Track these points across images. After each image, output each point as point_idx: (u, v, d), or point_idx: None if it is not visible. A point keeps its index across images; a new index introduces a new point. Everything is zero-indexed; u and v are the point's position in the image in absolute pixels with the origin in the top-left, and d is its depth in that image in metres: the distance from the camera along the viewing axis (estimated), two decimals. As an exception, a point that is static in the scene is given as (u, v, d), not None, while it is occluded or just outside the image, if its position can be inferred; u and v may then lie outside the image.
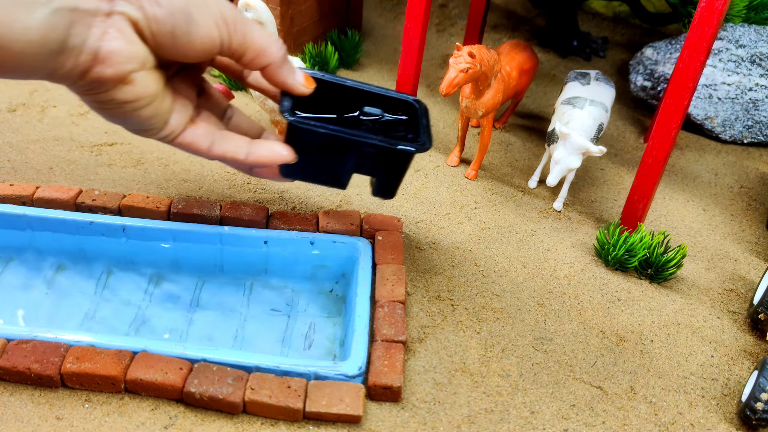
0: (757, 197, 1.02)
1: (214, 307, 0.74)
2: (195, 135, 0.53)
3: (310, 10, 1.14)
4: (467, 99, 0.93)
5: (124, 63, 0.44)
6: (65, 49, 0.41)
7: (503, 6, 1.53)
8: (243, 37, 0.49)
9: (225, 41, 0.48)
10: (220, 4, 0.47)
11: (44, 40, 0.39)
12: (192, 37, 0.46)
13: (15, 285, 0.74)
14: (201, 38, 0.46)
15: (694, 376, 0.71)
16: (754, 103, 1.10)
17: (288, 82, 0.56)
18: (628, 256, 0.82)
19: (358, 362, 0.63)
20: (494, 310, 0.76)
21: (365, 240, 0.78)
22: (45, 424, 0.59)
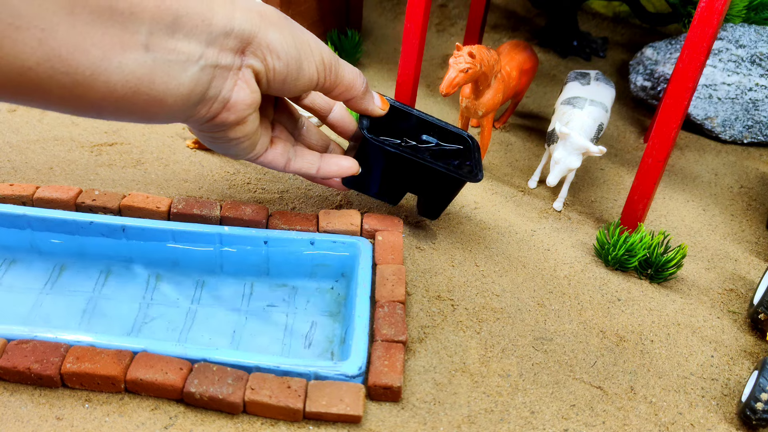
0: (757, 197, 1.02)
1: (214, 307, 0.74)
2: (274, 155, 0.62)
3: (310, 10, 1.14)
4: (467, 99, 0.93)
5: (245, 110, 0.51)
6: (204, 99, 0.47)
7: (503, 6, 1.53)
8: (335, 77, 0.57)
9: (321, 81, 0.56)
10: (321, 47, 0.54)
11: (191, 93, 0.45)
12: (299, 82, 0.53)
13: (15, 285, 0.74)
14: (305, 82, 0.54)
15: (694, 376, 0.71)
16: (754, 103, 1.10)
17: (369, 108, 0.66)
18: (628, 256, 0.82)
19: (358, 362, 0.63)
20: (494, 310, 0.76)
21: (365, 240, 0.78)
22: (45, 424, 0.59)
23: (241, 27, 0.46)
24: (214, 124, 0.50)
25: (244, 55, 0.48)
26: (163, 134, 0.97)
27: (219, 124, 0.50)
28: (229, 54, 0.47)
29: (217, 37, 0.45)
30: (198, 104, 0.47)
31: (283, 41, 0.49)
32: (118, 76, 0.39)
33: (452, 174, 0.76)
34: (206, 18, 0.44)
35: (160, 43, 0.41)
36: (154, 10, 0.40)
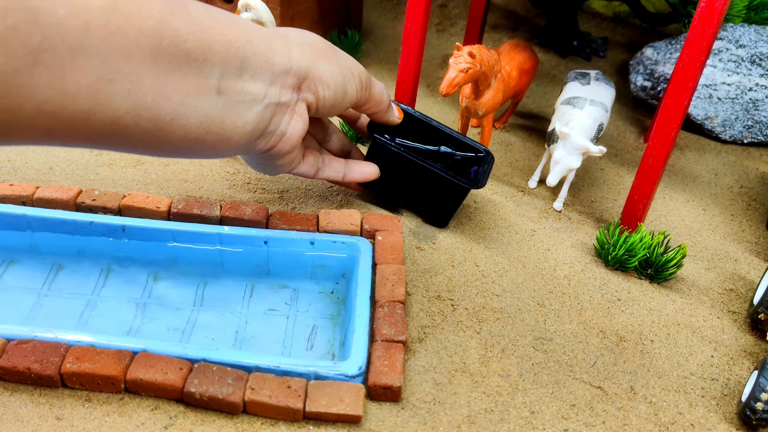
0: (757, 197, 1.02)
1: (214, 307, 0.74)
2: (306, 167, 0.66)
3: (310, 10, 1.14)
4: (467, 99, 0.93)
5: (297, 140, 0.54)
6: (264, 134, 0.51)
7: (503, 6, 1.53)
8: (369, 94, 0.62)
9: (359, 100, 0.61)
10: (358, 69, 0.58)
11: (255, 130, 0.49)
12: (344, 104, 0.57)
13: (15, 285, 0.74)
14: (348, 104, 0.58)
15: (694, 376, 0.71)
16: (754, 103, 1.10)
17: (390, 120, 0.73)
18: (628, 256, 0.82)
19: (358, 362, 0.63)
20: (494, 310, 0.76)
21: (365, 240, 0.78)
22: (45, 424, 0.59)
23: (299, 64, 0.49)
24: (269, 155, 0.54)
25: (300, 90, 0.51)
26: (163, 134, 0.97)
27: (274, 155, 0.54)
28: (288, 91, 0.49)
29: (279, 75, 0.48)
30: (258, 138, 0.50)
31: (332, 71, 0.52)
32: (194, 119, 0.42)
33: (448, 177, 0.80)
34: (269, 58, 0.46)
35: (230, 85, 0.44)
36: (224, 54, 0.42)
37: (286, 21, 1.08)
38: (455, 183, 0.80)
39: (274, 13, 1.05)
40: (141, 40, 0.37)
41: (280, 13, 1.06)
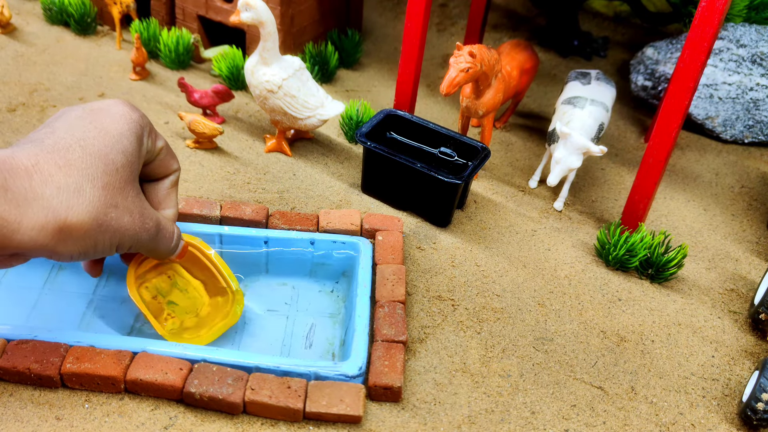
0: (757, 197, 1.02)
1: (214, 307, 0.74)
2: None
3: (310, 9, 1.14)
4: (468, 99, 0.93)
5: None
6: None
7: (504, 5, 1.53)
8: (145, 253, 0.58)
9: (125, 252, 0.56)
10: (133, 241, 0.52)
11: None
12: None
13: (15, 285, 0.73)
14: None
15: (694, 377, 0.71)
16: (755, 103, 1.10)
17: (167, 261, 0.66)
18: (629, 256, 0.81)
19: (359, 362, 0.63)
20: (495, 310, 0.75)
21: (365, 240, 0.78)
22: (45, 424, 0.59)
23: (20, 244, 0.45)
24: None
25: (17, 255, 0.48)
26: (163, 134, 0.97)
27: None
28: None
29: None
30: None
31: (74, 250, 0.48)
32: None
33: (431, 174, 0.81)
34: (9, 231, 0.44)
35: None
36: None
37: (286, 20, 1.08)
38: (437, 178, 0.81)
39: (274, 13, 1.05)
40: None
41: (280, 12, 1.06)
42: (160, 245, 0.56)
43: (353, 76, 1.20)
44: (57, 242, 0.46)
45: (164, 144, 0.56)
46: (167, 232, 0.57)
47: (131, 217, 0.51)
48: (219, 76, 1.12)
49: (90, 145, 0.48)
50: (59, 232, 0.45)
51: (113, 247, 0.50)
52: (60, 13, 1.19)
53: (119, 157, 0.50)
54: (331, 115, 0.93)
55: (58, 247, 0.46)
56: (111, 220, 0.49)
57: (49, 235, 0.45)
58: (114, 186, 0.49)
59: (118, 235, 0.50)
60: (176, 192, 0.60)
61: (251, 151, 0.97)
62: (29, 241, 0.44)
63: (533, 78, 1.07)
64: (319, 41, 1.19)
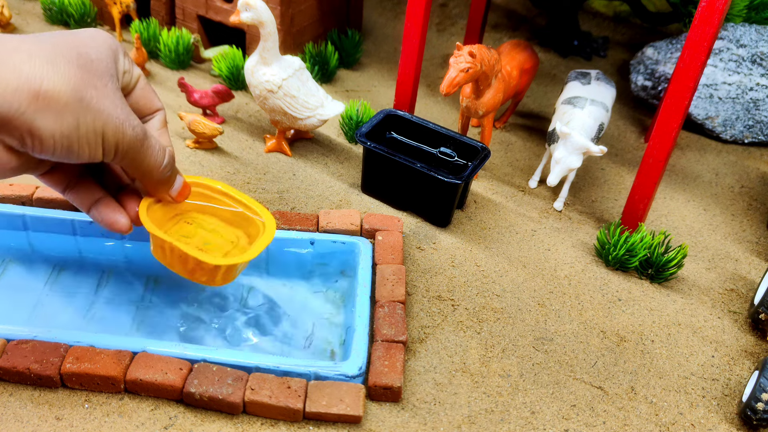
0: (757, 197, 1.02)
1: (214, 307, 0.74)
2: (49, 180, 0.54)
3: (310, 9, 1.14)
4: (468, 99, 0.93)
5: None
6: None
7: (504, 5, 1.53)
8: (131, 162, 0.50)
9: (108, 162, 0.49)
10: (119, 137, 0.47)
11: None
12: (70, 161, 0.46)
13: (15, 285, 0.73)
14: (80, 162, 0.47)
15: (694, 377, 0.71)
16: (754, 103, 1.10)
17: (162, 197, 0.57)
18: (629, 256, 0.81)
19: (359, 362, 0.63)
20: (495, 310, 0.75)
21: (365, 240, 0.78)
22: (45, 424, 0.59)
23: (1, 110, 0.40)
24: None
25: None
26: (163, 134, 0.97)
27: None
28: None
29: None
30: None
31: (55, 129, 0.43)
32: None
33: (430, 173, 0.81)
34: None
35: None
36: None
37: (286, 20, 1.08)
38: (437, 178, 0.81)
39: (274, 13, 1.05)
40: None
41: (280, 12, 1.06)
42: (148, 156, 0.50)
43: (353, 76, 1.20)
44: (35, 111, 0.41)
45: (141, 74, 0.52)
46: (157, 145, 0.51)
47: (113, 105, 0.46)
48: (219, 76, 1.12)
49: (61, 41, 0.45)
50: (36, 98, 0.41)
51: (98, 136, 0.45)
52: (60, 13, 1.19)
53: (93, 52, 0.46)
54: (331, 115, 0.93)
55: (38, 118, 0.41)
56: (92, 98, 0.44)
57: (24, 99, 0.41)
58: (90, 71, 0.45)
59: (101, 120, 0.45)
60: (167, 133, 0.55)
61: (251, 151, 0.97)
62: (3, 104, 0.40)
63: (533, 78, 1.07)
64: (319, 41, 1.19)
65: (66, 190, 0.54)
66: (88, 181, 0.55)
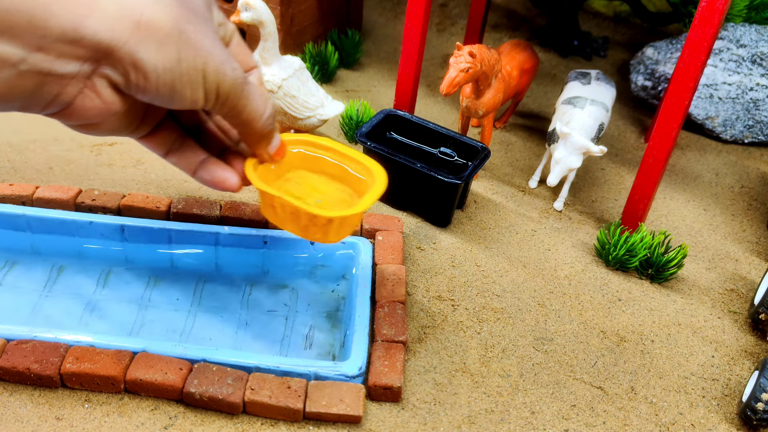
0: (757, 197, 1.02)
1: (213, 307, 0.74)
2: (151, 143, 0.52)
3: (310, 9, 1.14)
4: (468, 99, 0.93)
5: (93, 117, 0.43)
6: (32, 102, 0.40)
7: (504, 5, 1.53)
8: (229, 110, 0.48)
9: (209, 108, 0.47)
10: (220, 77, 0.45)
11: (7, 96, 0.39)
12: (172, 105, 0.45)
13: (15, 285, 0.73)
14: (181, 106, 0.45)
15: (694, 377, 0.71)
16: (754, 103, 1.10)
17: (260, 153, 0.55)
18: (629, 256, 0.81)
19: (359, 362, 0.63)
20: (495, 310, 0.75)
21: (365, 240, 0.78)
22: (45, 424, 0.59)
23: (99, 37, 0.39)
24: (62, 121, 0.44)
25: (99, 64, 0.41)
26: (163, 134, 0.97)
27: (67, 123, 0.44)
28: (71, 62, 0.39)
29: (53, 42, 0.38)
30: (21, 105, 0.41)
31: (158, 62, 0.41)
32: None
33: (430, 173, 0.82)
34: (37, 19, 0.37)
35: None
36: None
37: (286, 20, 1.08)
38: (437, 178, 0.81)
39: (274, 13, 1.05)
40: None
41: (280, 12, 1.06)
42: (250, 102, 0.48)
43: (353, 76, 1.20)
44: (138, 41, 0.40)
45: (236, 29, 0.51)
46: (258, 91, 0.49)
47: (213, 44, 0.44)
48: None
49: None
50: (137, 27, 0.40)
51: (198, 74, 0.44)
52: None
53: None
54: (331, 115, 0.93)
55: (140, 49, 0.40)
56: (191, 33, 0.42)
57: (126, 27, 0.39)
58: (188, 8, 0.43)
59: (201, 56, 0.43)
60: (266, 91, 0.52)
61: (251, 151, 0.97)
62: (106, 32, 0.39)
63: (533, 78, 1.07)
64: (319, 41, 1.19)
65: (168, 153, 0.53)
66: (191, 143, 0.54)
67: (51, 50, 0.38)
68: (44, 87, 0.39)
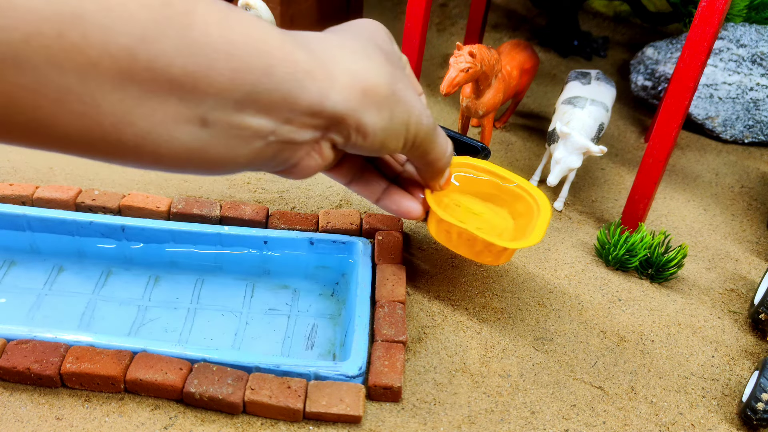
0: (757, 197, 1.02)
1: (213, 307, 0.74)
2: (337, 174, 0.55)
3: (310, 10, 1.14)
4: (468, 99, 0.93)
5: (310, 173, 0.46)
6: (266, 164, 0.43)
7: (504, 5, 1.53)
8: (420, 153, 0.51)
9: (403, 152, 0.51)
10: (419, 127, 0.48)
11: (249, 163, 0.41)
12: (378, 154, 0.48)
13: (14, 285, 0.73)
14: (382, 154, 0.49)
15: (694, 377, 0.71)
16: (755, 103, 1.10)
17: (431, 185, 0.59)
18: (629, 256, 0.81)
19: (359, 362, 0.63)
20: (495, 310, 0.76)
21: (365, 240, 0.78)
22: (45, 424, 0.59)
23: (335, 108, 0.41)
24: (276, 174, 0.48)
25: (329, 131, 0.43)
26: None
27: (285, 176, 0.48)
28: (309, 131, 0.42)
29: (299, 115, 0.40)
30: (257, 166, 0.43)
31: (377, 123, 0.44)
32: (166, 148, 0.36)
33: None
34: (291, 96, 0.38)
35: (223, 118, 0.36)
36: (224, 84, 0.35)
37: (286, 20, 1.08)
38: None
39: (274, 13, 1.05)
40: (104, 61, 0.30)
41: (280, 12, 1.06)
42: (437, 146, 0.52)
43: (353, 76, 1.20)
44: (364, 107, 0.43)
45: (407, 60, 0.54)
46: (442, 134, 0.53)
47: (413, 96, 0.47)
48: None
49: (358, 32, 0.47)
50: (364, 94, 0.42)
51: (406, 128, 0.47)
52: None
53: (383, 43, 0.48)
54: (331, 115, 0.93)
55: (365, 113, 0.43)
56: (399, 90, 0.45)
57: (357, 96, 0.42)
58: (392, 62, 0.46)
59: (407, 110, 0.46)
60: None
61: (251, 151, 0.97)
62: (342, 102, 0.41)
63: (533, 78, 1.07)
64: (319, 41, 1.19)
65: (351, 182, 0.56)
66: (371, 171, 0.57)
67: (296, 122, 0.40)
68: (282, 153, 0.42)
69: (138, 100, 0.33)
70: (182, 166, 0.38)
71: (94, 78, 0.31)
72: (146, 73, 0.32)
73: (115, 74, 0.31)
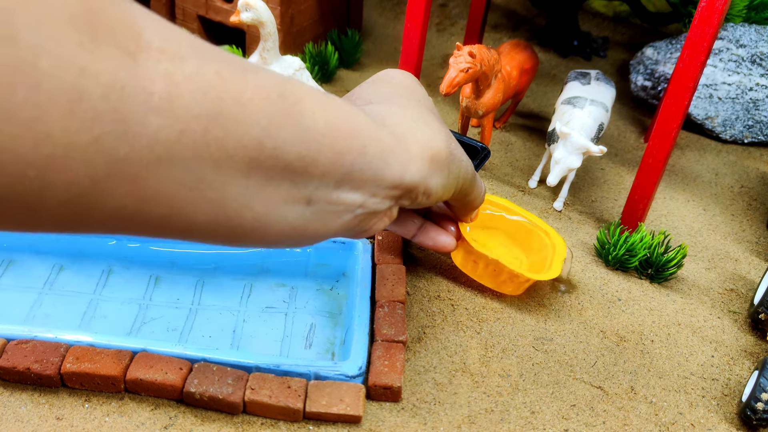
0: (757, 197, 1.02)
1: (213, 307, 0.74)
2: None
3: (310, 9, 1.14)
4: (467, 99, 0.93)
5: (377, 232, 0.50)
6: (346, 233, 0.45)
7: (504, 6, 1.53)
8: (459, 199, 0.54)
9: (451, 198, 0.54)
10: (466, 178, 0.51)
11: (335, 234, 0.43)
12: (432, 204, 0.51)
13: (14, 284, 0.73)
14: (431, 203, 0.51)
15: (694, 376, 0.71)
16: (754, 103, 1.10)
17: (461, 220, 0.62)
18: (629, 256, 0.81)
19: (358, 362, 0.63)
20: (494, 309, 0.76)
21: (365, 240, 0.78)
22: (45, 424, 0.59)
23: (412, 179, 0.43)
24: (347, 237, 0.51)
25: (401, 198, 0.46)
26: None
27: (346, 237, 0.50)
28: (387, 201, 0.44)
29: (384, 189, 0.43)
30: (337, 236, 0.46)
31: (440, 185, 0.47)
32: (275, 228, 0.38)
33: None
34: (379, 172, 0.41)
35: (324, 196, 0.39)
36: (328, 167, 0.38)
37: (286, 20, 1.08)
38: None
39: (274, 13, 1.05)
40: (238, 152, 0.33)
41: (280, 12, 1.06)
42: (475, 190, 0.55)
43: (353, 76, 1.20)
44: (432, 172, 0.45)
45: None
46: (479, 179, 0.57)
47: (461, 151, 0.50)
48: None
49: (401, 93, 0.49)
50: (432, 161, 0.45)
51: (458, 179, 0.50)
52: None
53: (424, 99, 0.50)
54: (331, 115, 0.92)
55: (431, 178, 0.46)
56: (453, 149, 0.48)
57: (427, 165, 0.45)
58: (440, 120, 0.49)
59: (459, 166, 0.49)
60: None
61: (251, 151, 0.97)
62: (417, 173, 0.44)
63: (533, 78, 1.07)
64: (318, 41, 1.19)
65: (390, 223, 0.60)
66: (407, 211, 0.60)
67: (380, 194, 0.42)
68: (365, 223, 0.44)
69: (260, 185, 0.35)
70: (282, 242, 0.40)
71: (227, 167, 0.33)
72: (270, 161, 0.34)
73: (246, 163, 0.33)
